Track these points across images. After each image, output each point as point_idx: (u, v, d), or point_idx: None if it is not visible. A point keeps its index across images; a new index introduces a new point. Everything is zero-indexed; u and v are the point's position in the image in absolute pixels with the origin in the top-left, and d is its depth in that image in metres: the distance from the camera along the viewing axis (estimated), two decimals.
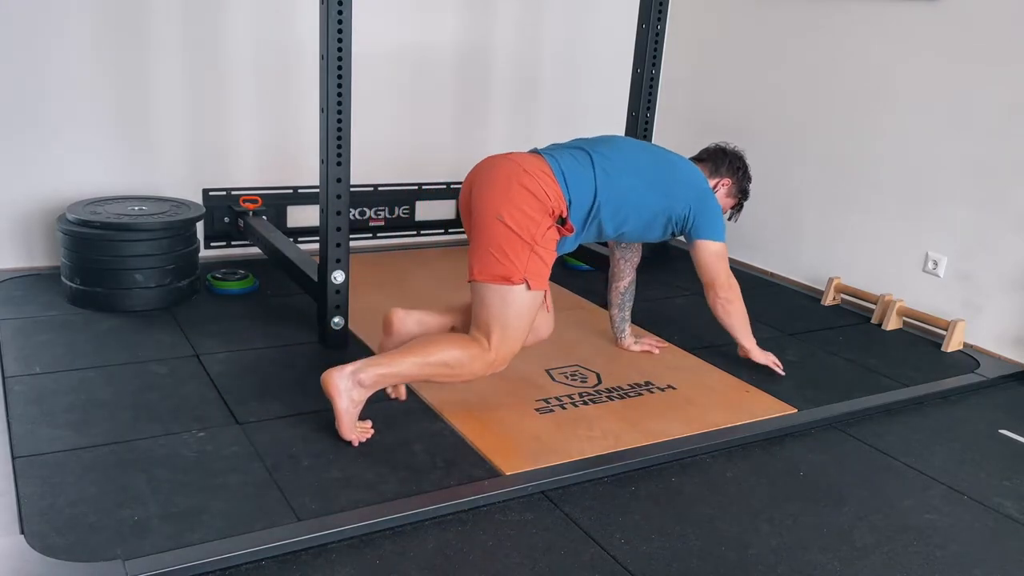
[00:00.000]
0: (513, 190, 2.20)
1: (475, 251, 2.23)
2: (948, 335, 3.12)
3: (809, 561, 1.81)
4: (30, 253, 3.20)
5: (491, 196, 2.21)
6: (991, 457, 2.35)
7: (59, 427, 2.07)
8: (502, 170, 2.25)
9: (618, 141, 2.50)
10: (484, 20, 3.88)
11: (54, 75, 3.08)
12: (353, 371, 2.08)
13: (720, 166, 2.65)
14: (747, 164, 2.71)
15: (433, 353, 2.15)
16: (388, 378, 2.14)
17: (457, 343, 2.18)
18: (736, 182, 2.68)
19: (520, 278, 2.16)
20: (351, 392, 2.08)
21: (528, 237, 2.18)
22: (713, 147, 2.71)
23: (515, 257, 2.16)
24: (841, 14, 3.57)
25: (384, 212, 3.88)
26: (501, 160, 2.30)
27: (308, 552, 1.70)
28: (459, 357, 2.15)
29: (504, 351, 2.19)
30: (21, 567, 1.56)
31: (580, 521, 1.88)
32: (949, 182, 3.23)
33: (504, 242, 2.17)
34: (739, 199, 2.73)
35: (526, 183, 2.21)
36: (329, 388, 2.07)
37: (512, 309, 2.18)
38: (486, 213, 2.20)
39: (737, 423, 2.37)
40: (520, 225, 2.18)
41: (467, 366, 2.16)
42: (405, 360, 2.13)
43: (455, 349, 2.16)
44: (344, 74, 2.47)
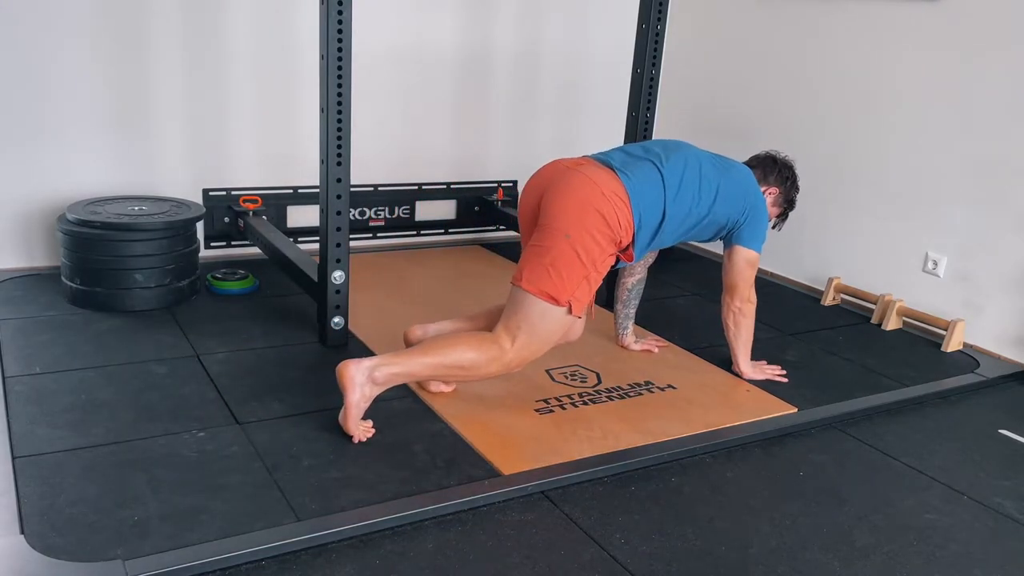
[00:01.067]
0: (588, 215, 2.20)
1: (530, 258, 2.23)
2: (948, 335, 3.12)
3: (809, 561, 1.81)
4: (30, 253, 3.20)
5: (565, 213, 2.21)
6: (991, 457, 2.35)
7: (59, 427, 2.07)
8: (580, 190, 2.24)
9: (683, 149, 2.47)
10: (484, 20, 3.88)
11: (54, 75, 3.08)
12: (370, 367, 2.10)
13: (770, 174, 2.67)
14: (796, 174, 2.73)
15: (449, 354, 2.17)
16: (401, 377, 2.15)
17: (474, 345, 2.20)
18: (784, 192, 2.70)
19: (566, 301, 2.20)
20: (364, 387, 2.09)
21: (588, 263, 2.20)
22: (764, 155, 2.72)
23: (568, 279, 2.19)
24: (841, 14, 3.57)
25: (384, 212, 3.88)
26: (578, 176, 2.27)
27: (308, 552, 1.70)
28: (475, 359, 2.18)
29: (523, 358, 2.23)
30: (21, 567, 1.56)
31: (580, 521, 1.88)
32: (949, 182, 3.23)
33: (563, 262, 2.18)
34: (785, 208, 2.75)
35: (603, 209, 2.21)
36: (344, 379, 2.08)
37: (546, 324, 2.22)
38: (555, 227, 2.21)
39: (737, 423, 2.37)
40: (586, 249, 2.20)
41: (482, 368, 2.19)
42: (420, 360, 2.16)
43: (472, 351, 2.18)
44: (344, 74, 2.47)
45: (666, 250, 4.03)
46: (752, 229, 2.51)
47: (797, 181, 2.73)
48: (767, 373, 2.71)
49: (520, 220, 2.40)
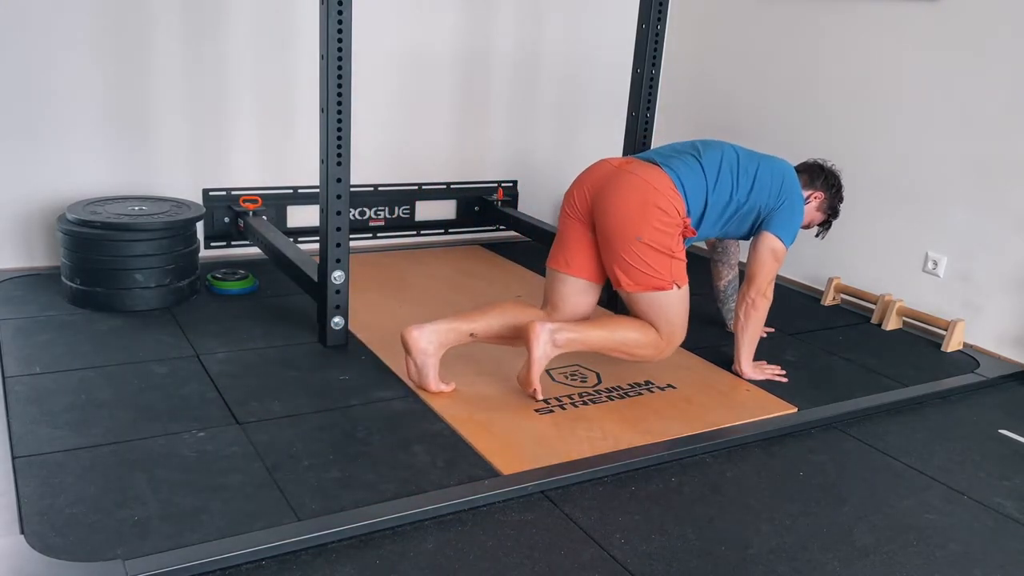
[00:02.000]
0: (650, 213, 2.36)
1: (619, 264, 2.40)
2: (948, 335, 3.12)
3: (809, 561, 1.81)
4: (30, 253, 3.20)
5: (628, 218, 2.37)
6: (991, 457, 2.35)
7: (59, 427, 2.07)
8: (635, 191, 2.39)
9: (721, 145, 2.59)
10: (484, 20, 3.88)
11: (54, 75, 3.08)
12: (553, 329, 2.31)
13: (816, 179, 2.75)
14: (842, 184, 2.81)
15: (617, 331, 2.42)
16: (576, 344, 2.36)
17: (637, 328, 2.43)
18: (828, 198, 2.77)
19: (670, 283, 2.40)
20: (547, 346, 2.30)
21: (667, 250, 2.39)
22: (812, 161, 2.81)
23: (661, 268, 2.38)
24: (841, 14, 3.57)
25: (384, 212, 3.88)
26: (628, 176, 2.42)
27: (308, 552, 1.70)
28: (638, 339, 2.42)
29: (674, 342, 2.48)
30: (21, 567, 1.56)
31: (580, 521, 1.88)
32: (949, 182, 3.23)
33: (650, 259, 2.37)
34: (828, 216, 2.82)
35: (660, 203, 2.37)
36: (530, 336, 2.29)
37: (671, 307, 2.43)
38: (625, 234, 2.37)
39: (737, 423, 2.37)
40: (660, 243, 2.38)
41: (643, 349, 2.43)
42: (594, 332, 2.39)
43: (635, 332, 2.42)
44: (344, 74, 2.47)
45: None
46: (784, 217, 2.56)
47: (842, 191, 2.81)
48: (767, 373, 2.71)
49: (563, 214, 2.55)
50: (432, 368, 2.37)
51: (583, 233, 2.49)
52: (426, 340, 2.35)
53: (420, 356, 2.35)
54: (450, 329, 2.39)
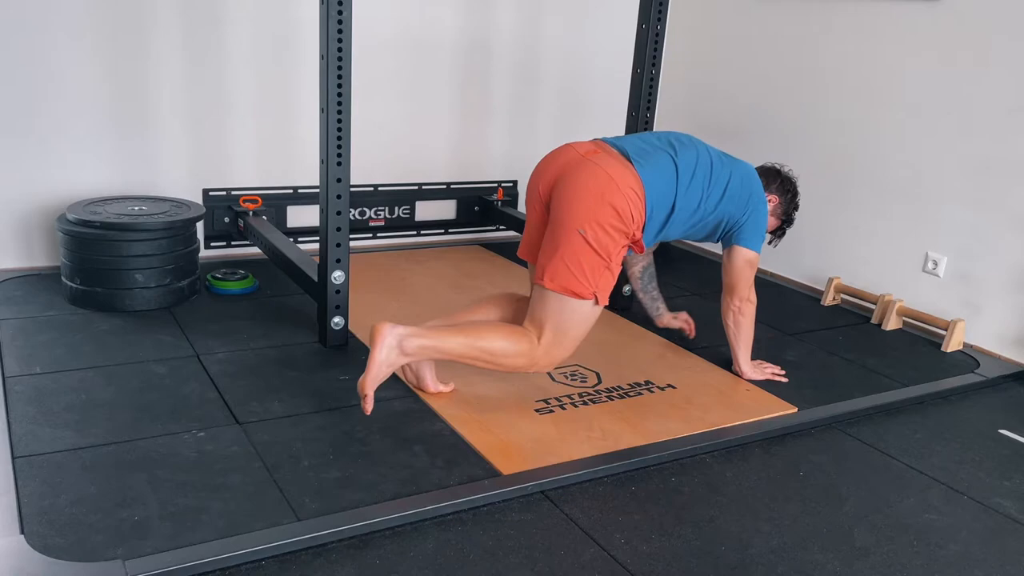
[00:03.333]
0: (602, 209, 2.20)
1: (549, 256, 2.23)
2: (948, 335, 3.12)
3: (809, 561, 1.81)
4: (30, 253, 3.20)
5: (577, 207, 2.20)
6: (991, 457, 2.35)
7: (59, 427, 2.07)
8: (594, 181, 2.22)
9: (697, 144, 2.47)
10: (484, 20, 3.88)
11: (54, 75, 3.08)
12: (403, 334, 2.12)
13: (771, 183, 2.69)
14: (798, 191, 2.75)
15: (483, 338, 2.19)
16: (430, 351, 2.16)
17: (508, 335, 2.22)
18: (783, 203, 2.72)
19: (590, 293, 2.22)
20: (392, 351, 2.11)
21: (605, 255, 2.22)
22: (768, 165, 2.75)
23: (589, 272, 2.20)
24: (841, 14, 3.57)
25: (384, 212, 3.88)
26: (594, 168, 2.24)
27: (308, 552, 1.70)
28: (505, 349, 2.20)
29: (553, 356, 2.26)
30: (21, 567, 1.56)
31: (580, 521, 1.88)
32: (949, 182, 3.23)
33: (582, 256, 2.19)
34: (783, 222, 2.76)
35: (617, 203, 2.20)
36: (376, 336, 2.11)
37: (573, 319, 2.23)
38: (568, 223, 2.21)
39: (737, 423, 2.37)
40: (600, 243, 2.20)
41: (511, 359, 2.21)
42: (454, 339, 2.17)
43: (504, 340, 2.20)
44: (344, 74, 2.47)
45: (666, 250, 4.05)
46: (752, 228, 2.51)
47: (797, 198, 2.75)
48: (767, 373, 2.71)
49: (528, 200, 2.40)
50: (428, 369, 2.36)
51: (540, 216, 2.35)
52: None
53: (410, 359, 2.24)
54: None
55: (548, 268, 2.21)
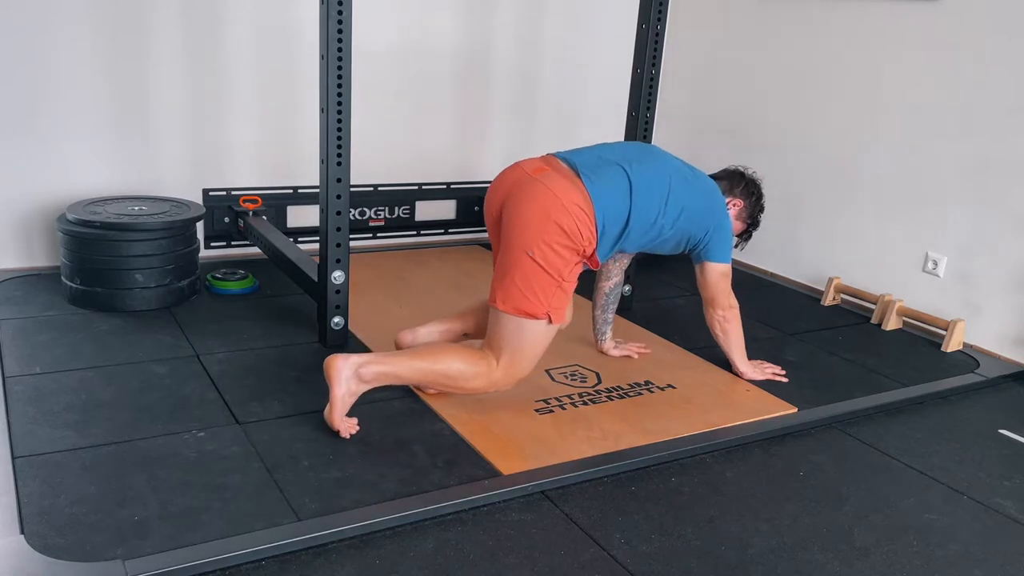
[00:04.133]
0: (548, 228, 2.16)
1: (500, 278, 2.21)
2: (948, 335, 3.12)
3: (809, 561, 1.81)
4: (30, 253, 3.20)
5: (523, 229, 2.18)
6: (991, 457, 2.35)
7: (59, 427, 2.07)
8: (539, 201, 2.18)
9: (656, 161, 2.39)
10: (484, 20, 3.88)
11: (54, 75, 3.08)
12: (357, 363, 2.12)
13: (736, 187, 2.64)
14: (763, 193, 2.70)
15: (440, 361, 2.19)
16: (388, 378, 2.16)
17: (465, 357, 2.21)
18: (748, 206, 2.66)
19: (543, 313, 2.19)
20: (350, 382, 2.11)
21: (556, 274, 2.19)
22: (732, 168, 2.70)
23: (540, 292, 2.17)
24: (841, 14, 3.57)
25: (384, 212, 3.88)
26: (538, 187, 2.21)
27: (308, 552, 1.70)
28: (463, 371, 2.20)
29: (511, 376, 2.24)
30: (21, 567, 1.56)
31: (580, 521, 1.88)
32: (949, 182, 3.23)
33: (532, 278, 2.17)
34: (748, 226, 2.71)
35: (562, 221, 2.16)
36: (330, 372, 2.11)
37: (528, 339, 2.22)
38: (516, 245, 2.18)
39: (737, 423, 2.37)
40: (549, 263, 2.17)
41: (470, 381, 2.21)
42: (410, 364, 2.18)
43: (461, 363, 2.20)
44: (344, 74, 2.47)
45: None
46: (718, 242, 2.49)
47: (763, 200, 2.69)
48: (767, 372, 2.71)
49: (487, 225, 2.38)
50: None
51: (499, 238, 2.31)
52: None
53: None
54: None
55: (500, 290, 2.20)
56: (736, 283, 3.02)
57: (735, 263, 4.02)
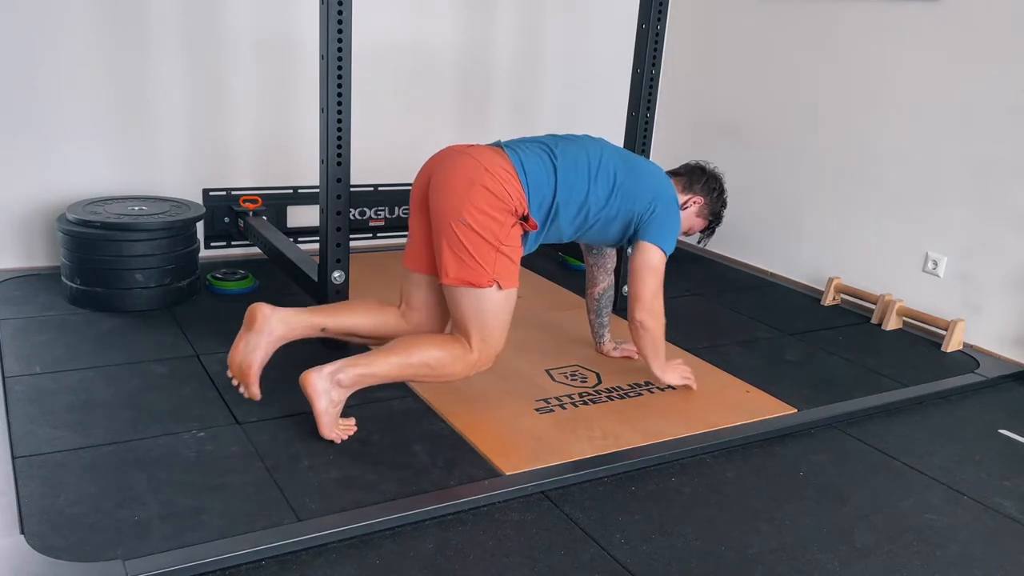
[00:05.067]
0: (474, 191, 2.13)
1: (439, 253, 2.18)
2: (948, 335, 3.12)
3: (809, 561, 1.81)
4: (30, 253, 3.20)
5: (450, 197, 2.15)
6: (991, 457, 2.35)
7: (59, 427, 2.07)
8: (462, 169, 2.18)
9: (585, 142, 2.38)
10: (484, 20, 3.88)
11: (54, 75, 3.08)
12: (332, 372, 2.08)
13: (695, 183, 2.54)
14: (724, 188, 2.58)
15: (414, 353, 2.14)
16: (368, 378, 2.12)
17: (439, 344, 2.18)
18: (709, 203, 2.55)
19: (489, 280, 2.14)
20: (330, 393, 2.08)
21: (492, 238, 2.14)
22: (693, 163, 2.60)
23: (482, 259, 2.13)
24: (841, 14, 3.57)
25: (384, 212, 3.88)
26: (461, 157, 2.21)
27: (308, 552, 1.70)
28: (440, 358, 2.15)
29: (487, 352, 2.20)
30: (21, 567, 1.56)
31: (580, 521, 1.88)
32: (949, 182, 3.23)
33: (471, 245, 2.13)
34: (711, 221, 2.60)
35: (487, 183, 2.14)
36: (308, 389, 2.07)
37: (487, 310, 2.17)
38: (446, 215, 2.15)
39: (737, 423, 2.37)
40: (483, 226, 2.13)
41: (449, 367, 2.16)
42: (386, 360, 2.13)
43: (436, 350, 2.16)
44: (344, 74, 2.47)
45: None
46: (658, 225, 2.35)
47: (725, 195, 2.59)
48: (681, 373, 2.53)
49: (411, 203, 2.34)
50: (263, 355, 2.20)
51: (426, 224, 2.27)
52: (277, 319, 2.21)
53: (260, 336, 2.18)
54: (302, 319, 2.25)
55: (442, 264, 2.17)
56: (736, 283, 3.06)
57: (735, 263, 4.05)
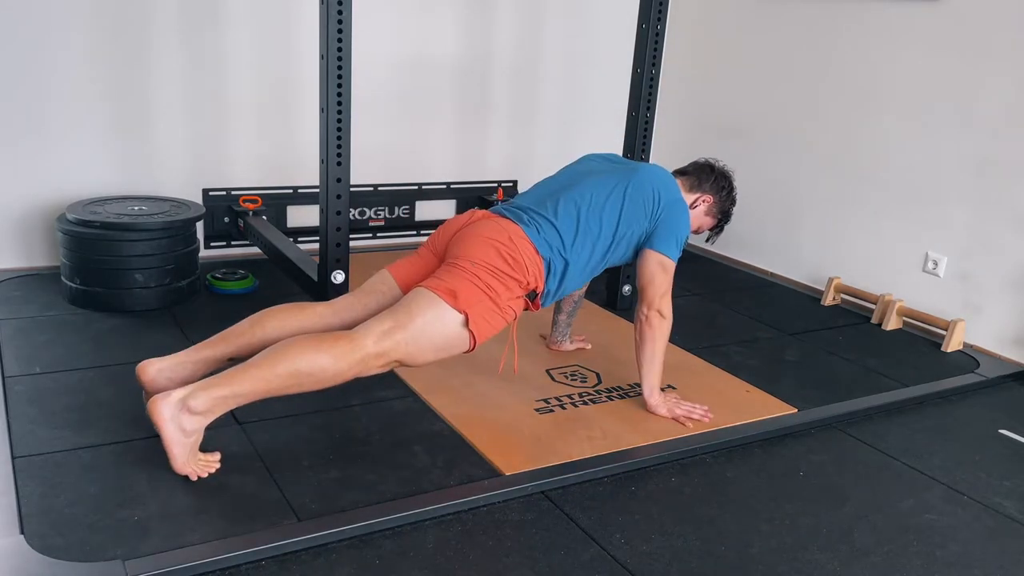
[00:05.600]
0: (490, 250, 2.11)
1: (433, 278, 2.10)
2: (948, 335, 3.12)
3: (809, 561, 1.81)
4: (30, 253, 3.20)
5: (469, 249, 2.12)
6: (991, 457, 2.35)
7: (59, 427, 2.07)
8: (487, 231, 2.16)
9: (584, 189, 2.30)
10: (484, 20, 3.88)
11: (54, 75, 3.08)
12: (182, 397, 1.84)
13: (704, 182, 2.49)
14: (733, 186, 2.53)
15: (280, 362, 1.87)
16: (229, 400, 1.87)
17: (314, 345, 1.90)
18: (719, 201, 2.50)
19: (462, 309, 2.02)
20: (178, 420, 1.83)
21: (488, 290, 2.07)
22: (702, 161, 2.55)
23: (468, 294, 2.04)
24: (841, 13, 3.57)
25: (384, 212, 3.88)
26: (490, 221, 2.20)
27: (308, 552, 1.70)
28: (317, 361, 1.88)
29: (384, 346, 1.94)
30: (21, 567, 1.56)
31: (580, 521, 1.88)
32: (949, 182, 3.23)
33: (468, 279, 2.06)
34: (719, 220, 2.55)
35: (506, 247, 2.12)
36: (154, 416, 1.84)
37: (429, 320, 1.99)
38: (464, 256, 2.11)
39: (737, 423, 2.37)
40: (488, 282, 2.07)
41: (328, 369, 1.89)
42: (248, 375, 1.87)
43: (312, 352, 1.88)
44: (344, 74, 2.47)
45: None
46: (663, 234, 2.30)
47: (734, 192, 2.53)
48: (680, 412, 2.36)
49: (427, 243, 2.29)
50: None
51: (429, 261, 2.22)
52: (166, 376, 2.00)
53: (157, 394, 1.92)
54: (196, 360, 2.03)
55: (430, 281, 2.08)
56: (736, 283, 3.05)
57: (737, 263, 4.06)
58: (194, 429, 1.87)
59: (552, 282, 2.22)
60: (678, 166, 2.60)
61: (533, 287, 2.17)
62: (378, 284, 2.20)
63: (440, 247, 2.24)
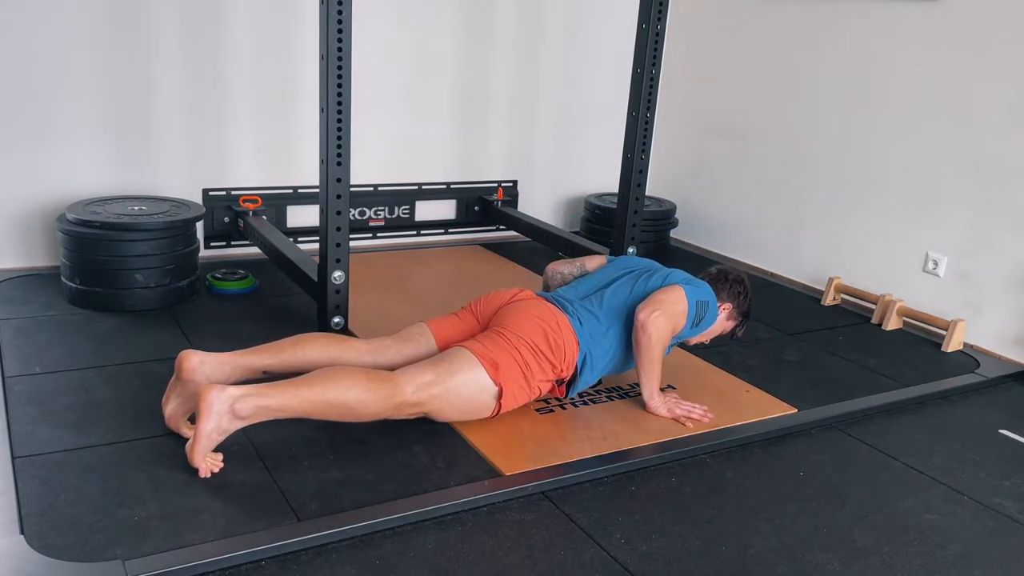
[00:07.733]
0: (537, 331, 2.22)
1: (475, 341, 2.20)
2: (948, 335, 3.12)
3: (809, 561, 1.81)
4: (30, 253, 3.20)
5: (516, 322, 2.23)
6: (991, 457, 2.35)
7: (59, 427, 2.07)
8: (539, 311, 2.27)
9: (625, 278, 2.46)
10: (484, 20, 3.88)
11: (54, 75, 3.08)
12: (235, 396, 1.87)
13: (721, 291, 2.55)
14: (748, 288, 2.60)
15: (331, 390, 1.95)
16: (271, 412, 1.92)
17: (362, 382, 1.99)
18: (737, 306, 2.58)
19: (498, 382, 2.14)
20: (222, 418, 1.87)
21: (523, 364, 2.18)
22: (714, 271, 2.62)
23: (507, 367, 2.15)
24: (841, 14, 3.57)
25: (384, 212, 3.88)
26: (544, 303, 2.32)
27: (308, 552, 1.70)
28: (360, 398, 1.97)
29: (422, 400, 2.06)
30: (21, 567, 1.56)
31: (580, 521, 1.88)
32: (949, 182, 3.23)
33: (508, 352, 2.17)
34: (741, 320, 2.62)
35: (551, 332, 2.24)
36: (201, 403, 1.86)
37: (468, 387, 2.11)
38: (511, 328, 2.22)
39: (737, 423, 2.37)
40: (523, 358, 2.18)
41: (369, 407, 1.99)
42: (297, 395, 1.92)
43: (359, 389, 1.97)
44: (344, 74, 2.47)
45: (665, 251, 4.04)
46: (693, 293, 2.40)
47: (750, 292, 2.61)
48: (679, 412, 2.37)
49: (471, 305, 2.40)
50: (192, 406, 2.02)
51: (470, 324, 2.34)
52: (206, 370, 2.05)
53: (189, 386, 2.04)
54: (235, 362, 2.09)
55: (473, 344, 2.17)
56: None
57: (737, 263, 4.05)
58: (228, 430, 1.91)
59: (588, 374, 2.33)
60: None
61: (565, 375, 2.29)
62: (416, 334, 2.31)
63: (483, 314, 2.36)
